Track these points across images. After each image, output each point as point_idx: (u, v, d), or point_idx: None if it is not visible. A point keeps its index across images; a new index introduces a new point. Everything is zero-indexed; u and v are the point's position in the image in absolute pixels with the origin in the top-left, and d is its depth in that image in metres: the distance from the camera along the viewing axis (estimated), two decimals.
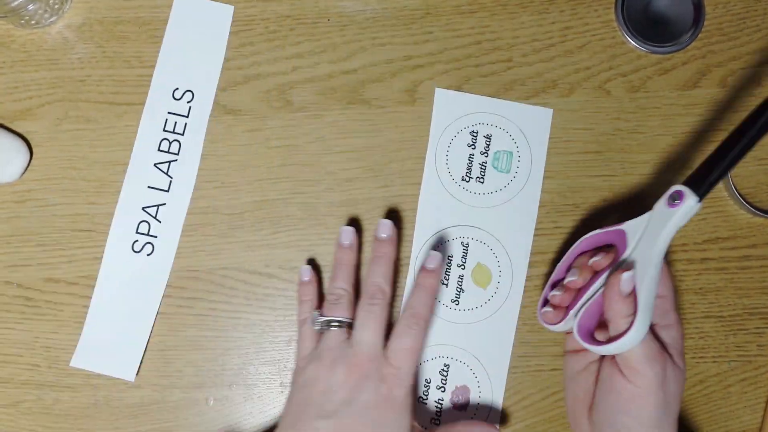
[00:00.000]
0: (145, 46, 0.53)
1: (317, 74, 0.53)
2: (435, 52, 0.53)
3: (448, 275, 0.51)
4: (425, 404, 0.50)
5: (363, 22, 0.53)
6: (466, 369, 0.50)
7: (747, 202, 0.51)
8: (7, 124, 0.52)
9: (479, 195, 0.52)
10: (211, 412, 0.50)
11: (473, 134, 0.52)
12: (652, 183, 0.52)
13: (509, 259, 0.51)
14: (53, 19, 0.53)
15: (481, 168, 0.52)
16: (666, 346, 0.42)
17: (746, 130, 0.40)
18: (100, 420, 0.50)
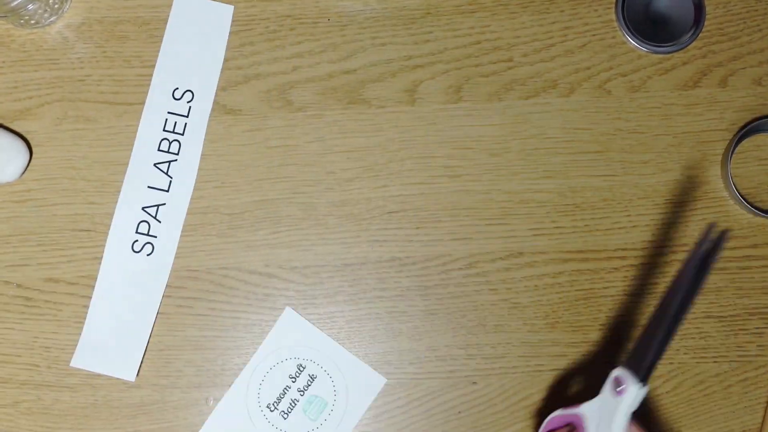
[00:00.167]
0: (145, 46, 0.53)
1: (317, 74, 0.53)
2: (435, 52, 0.53)
3: None
4: None
5: (363, 22, 0.53)
6: None
7: (747, 202, 0.51)
8: (7, 124, 0.52)
9: (276, 430, 0.50)
10: (211, 412, 0.50)
11: (300, 367, 0.50)
12: (653, 183, 0.52)
13: None
14: (53, 19, 0.52)
15: (291, 404, 0.50)
16: None
17: (673, 304, 0.38)
18: (100, 420, 0.50)
